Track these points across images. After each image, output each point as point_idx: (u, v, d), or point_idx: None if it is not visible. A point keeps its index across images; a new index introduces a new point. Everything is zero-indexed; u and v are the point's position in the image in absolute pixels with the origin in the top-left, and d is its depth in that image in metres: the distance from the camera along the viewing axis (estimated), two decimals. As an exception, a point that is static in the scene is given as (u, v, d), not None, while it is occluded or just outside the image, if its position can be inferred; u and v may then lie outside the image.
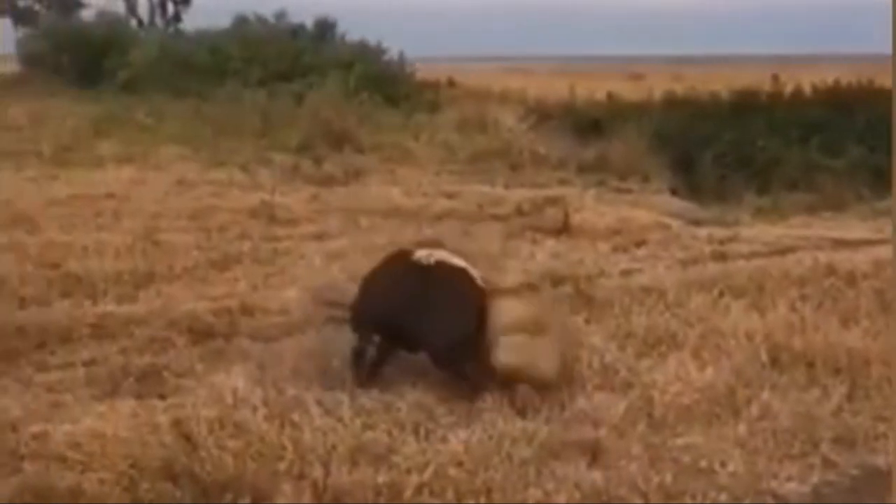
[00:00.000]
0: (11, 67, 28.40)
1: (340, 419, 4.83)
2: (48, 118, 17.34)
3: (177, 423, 4.74)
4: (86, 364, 5.87)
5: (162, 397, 5.24)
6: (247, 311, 6.86)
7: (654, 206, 11.16)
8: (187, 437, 4.61)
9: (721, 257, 8.50)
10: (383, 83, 20.33)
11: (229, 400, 4.98)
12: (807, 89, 16.82)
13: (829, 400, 5.18)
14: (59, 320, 6.59)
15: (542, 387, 5.22)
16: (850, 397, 5.24)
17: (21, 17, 30.86)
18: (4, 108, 19.60)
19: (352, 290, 5.77)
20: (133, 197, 10.89)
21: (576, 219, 9.89)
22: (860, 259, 7.80)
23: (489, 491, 4.29)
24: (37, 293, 7.23)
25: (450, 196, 11.32)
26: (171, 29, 30.23)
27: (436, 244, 5.68)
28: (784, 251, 8.72)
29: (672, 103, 16.72)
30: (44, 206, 10.24)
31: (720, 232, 9.74)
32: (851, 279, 7.18)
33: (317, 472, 4.36)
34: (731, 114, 15.40)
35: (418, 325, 5.25)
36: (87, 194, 10.96)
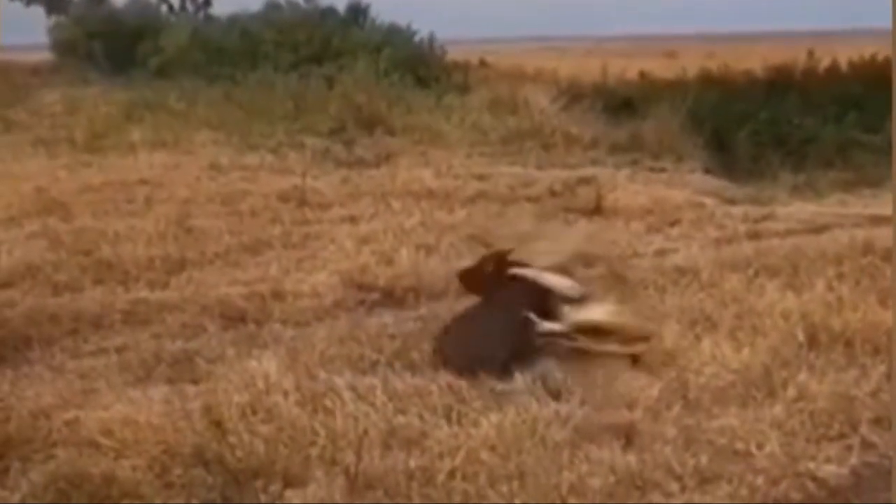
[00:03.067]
0: (44, 55, 28.59)
1: (372, 404, 4.82)
2: (80, 105, 17.44)
3: (208, 409, 4.75)
4: (118, 350, 5.89)
5: (194, 383, 5.25)
6: (278, 295, 6.87)
7: (687, 186, 11.08)
8: (219, 423, 4.62)
9: (756, 236, 8.42)
10: (414, 65, 20.27)
11: (261, 385, 4.97)
12: (843, 65, 16.61)
13: (868, 380, 5.11)
14: (91, 307, 6.63)
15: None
16: (889, 377, 5.16)
17: (53, 5, 30.99)
18: (37, 95, 19.74)
19: None
20: (165, 182, 10.92)
21: (609, 199, 9.83)
22: (898, 236, 7.70)
23: (522, 475, 4.25)
24: (70, 280, 7.27)
25: (481, 178, 11.27)
26: (202, 14, 30.24)
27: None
28: (820, 229, 8.63)
29: (706, 81, 16.56)
30: (77, 193, 10.30)
31: (755, 210, 9.66)
32: (889, 257, 7.08)
33: (349, 457, 4.35)
34: (765, 91, 15.24)
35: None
36: (120, 180, 11.00)
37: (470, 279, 5.90)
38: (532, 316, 5.22)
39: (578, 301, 5.46)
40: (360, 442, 4.47)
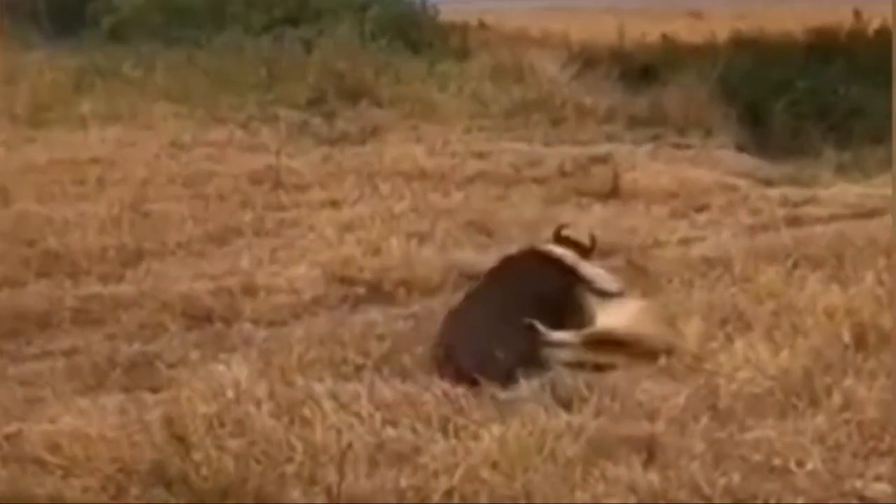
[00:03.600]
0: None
1: (357, 414, 4.83)
2: (22, 73, 17.35)
3: (170, 421, 4.75)
4: (67, 354, 5.89)
5: (153, 391, 5.26)
6: (249, 291, 6.86)
7: (717, 164, 11.06)
8: (181, 437, 4.61)
9: (796, 222, 8.42)
10: (404, 27, 20.20)
11: (230, 393, 4.98)
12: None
13: (924, 387, 5.12)
14: (35, 304, 6.62)
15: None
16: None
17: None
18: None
19: None
20: (119, 161, 10.87)
21: (627, 180, 9.82)
22: (959, 222, 7.70)
23: (529, 495, 4.26)
24: (10, 273, 7.25)
25: (481, 156, 11.25)
26: (162, -32, 30.18)
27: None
28: (869, 214, 8.64)
29: (738, 45, 16.53)
30: (18, 174, 10.25)
31: (795, 193, 9.66)
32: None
33: (330, 475, 4.35)
34: (805, 57, 15.23)
35: None
36: (68, 159, 10.95)
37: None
38: (538, 325, 5.27)
39: (613, 296, 5.53)
40: (344, 458, 4.46)
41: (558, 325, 5.58)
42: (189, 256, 7.77)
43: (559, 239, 6.47)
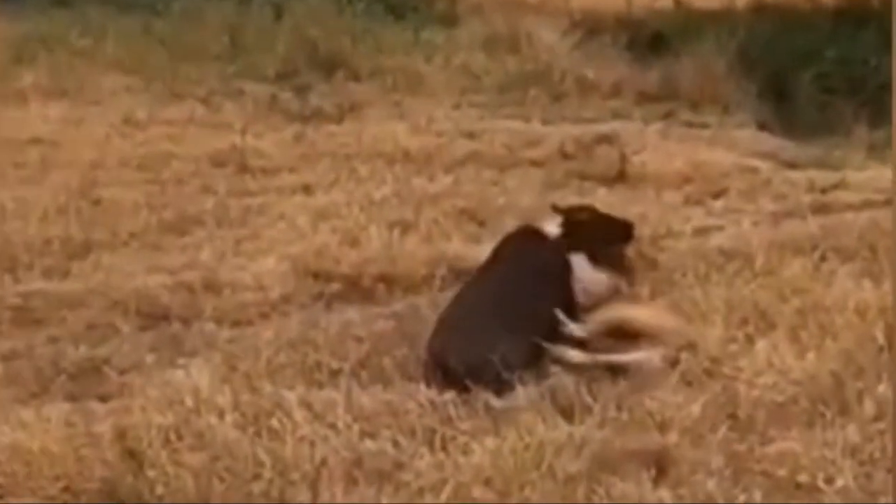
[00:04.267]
0: None
1: (332, 425, 4.83)
2: (-45, 42, 17.35)
3: (122, 434, 4.75)
4: (5, 358, 5.90)
5: (103, 400, 5.26)
6: (211, 287, 6.87)
7: (736, 145, 11.06)
8: (135, 452, 4.61)
9: (824, 209, 8.42)
10: (385, -10, 20.22)
11: (189, 402, 4.98)
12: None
13: (966, 393, 5.14)
14: (-31, 302, 6.62)
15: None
16: None
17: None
18: None
19: None
20: (65, 142, 10.85)
21: (635, 162, 9.82)
22: None
23: (525, 515, 4.27)
24: (-58, 268, 7.25)
25: (472, 135, 11.24)
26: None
27: None
28: (905, 201, 8.64)
29: (759, 11, 16.55)
30: (-50, 156, 10.26)
31: (822, 176, 9.65)
32: None
33: (302, 494, 4.35)
34: (834, 24, 15.24)
35: None
36: (7, 139, 10.94)
37: None
38: (560, 315, 5.33)
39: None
40: (318, 474, 4.47)
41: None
42: (143, 248, 7.77)
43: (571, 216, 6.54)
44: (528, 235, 6.42)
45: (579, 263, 6.08)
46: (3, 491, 4.41)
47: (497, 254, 6.34)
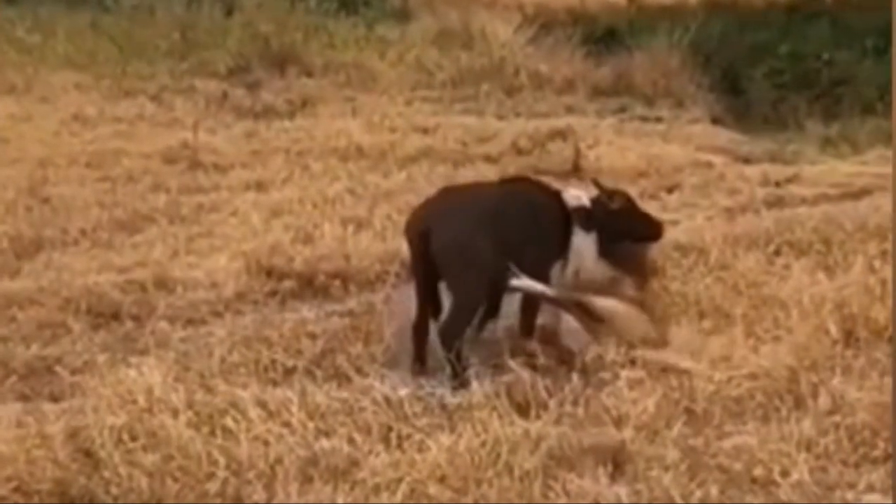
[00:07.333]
0: None
1: (287, 424, 4.82)
2: None
3: (74, 434, 4.73)
4: (-45, 358, 5.83)
5: (54, 400, 5.23)
6: (163, 285, 6.85)
7: (690, 140, 11.11)
8: (88, 452, 4.59)
9: (778, 204, 8.48)
10: (338, -16, 20.17)
11: (142, 402, 4.96)
12: (885, -16, 16.77)
13: (920, 386, 5.18)
14: (-82, 302, 6.56)
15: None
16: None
17: None
18: None
19: None
20: (14, 139, 10.80)
21: (590, 157, 9.85)
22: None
23: (482, 513, 4.28)
24: None
25: (425, 131, 11.26)
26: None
27: None
28: (858, 194, 8.71)
29: (712, 7, 16.62)
30: None
31: (777, 170, 9.72)
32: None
33: (257, 493, 4.34)
34: (787, 19, 15.33)
35: None
36: (-46, 137, 10.88)
37: None
38: (513, 268, 5.36)
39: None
40: (273, 473, 4.46)
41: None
42: (94, 247, 7.73)
43: None
44: (540, 184, 6.36)
45: (585, 241, 5.98)
46: (-46, 492, 4.38)
47: (501, 182, 6.38)
